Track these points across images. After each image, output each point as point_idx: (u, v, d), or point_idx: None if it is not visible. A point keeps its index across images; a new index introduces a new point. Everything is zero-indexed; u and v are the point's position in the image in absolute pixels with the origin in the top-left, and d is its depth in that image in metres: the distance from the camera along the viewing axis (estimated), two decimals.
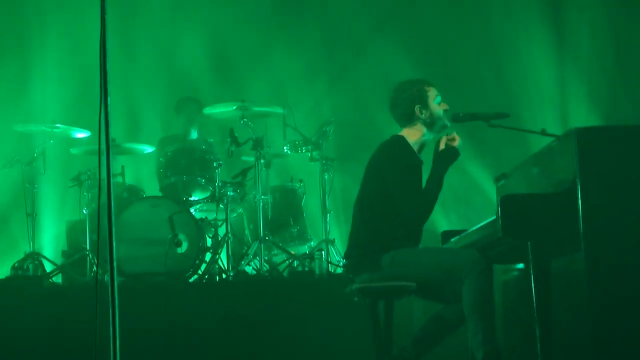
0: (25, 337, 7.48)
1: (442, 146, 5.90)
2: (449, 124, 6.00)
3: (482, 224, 5.60)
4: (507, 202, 5.04)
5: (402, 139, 5.93)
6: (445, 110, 6.01)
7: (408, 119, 5.98)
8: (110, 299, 4.00)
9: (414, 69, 9.37)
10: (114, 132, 4.12)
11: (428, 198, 5.76)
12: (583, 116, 9.71)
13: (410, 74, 6.35)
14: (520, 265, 6.32)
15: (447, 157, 5.87)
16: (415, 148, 5.95)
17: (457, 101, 6.43)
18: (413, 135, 5.96)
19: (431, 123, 5.97)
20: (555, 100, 10.15)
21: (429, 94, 5.99)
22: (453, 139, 5.91)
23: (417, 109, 5.94)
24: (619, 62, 10.11)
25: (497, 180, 6.51)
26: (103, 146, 4.11)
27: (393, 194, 5.75)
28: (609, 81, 10.06)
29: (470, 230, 5.89)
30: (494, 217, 5.19)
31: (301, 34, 10.99)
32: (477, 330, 5.45)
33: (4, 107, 10.22)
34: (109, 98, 4.09)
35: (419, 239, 5.90)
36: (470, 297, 5.49)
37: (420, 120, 5.95)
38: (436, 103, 5.99)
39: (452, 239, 6.26)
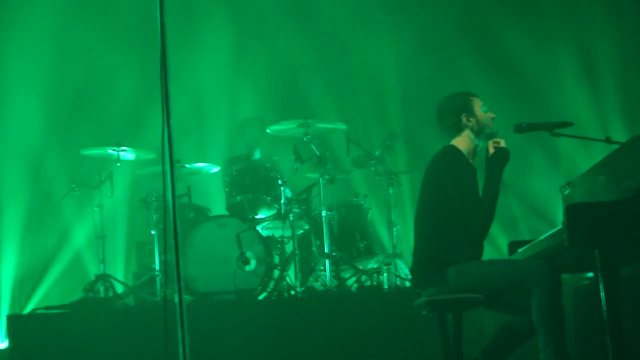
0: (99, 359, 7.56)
1: (491, 150, 5.88)
2: (496, 131, 5.97)
3: (548, 233, 5.56)
4: (573, 211, 4.99)
5: (455, 148, 5.91)
6: (492, 119, 5.99)
7: (456, 129, 5.97)
8: (179, 318, 4.03)
9: (474, 80, 9.34)
10: (179, 153, 4.15)
11: (488, 204, 5.72)
12: None
13: (473, 87, 6.31)
14: (590, 274, 6.26)
15: (499, 159, 5.84)
16: (467, 157, 5.92)
17: (519, 111, 6.40)
18: (463, 143, 5.94)
19: (479, 130, 5.94)
20: (619, 107, 10.05)
21: (474, 102, 5.99)
22: (498, 142, 5.89)
23: (463, 117, 5.94)
24: None
25: (562, 189, 6.47)
26: (167, 167, 4.16)
27: (453, 204, 5.73)
28: None
29: (536, 240, 5.84)
30: (560, 226, 5.15)
31: (365, 50, 11.01)
32: (547, 342, 5.41)
33: (71, 132, 10.35)
34: (171, 119, 4.13)
35: (481, 249, 5.87)
36: (539, 309, 5.45)
37: (468, 127, 5.94)
38: (482, 111, 5.98)
39: (519, 250, 6.22)
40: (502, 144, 5.91)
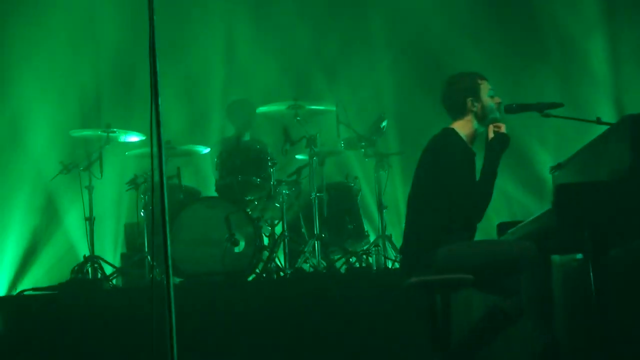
0: (87, 341, 7.52)
1: (491, 134, 5.83)
2: (499, 117, 5.92)
3: (538, 214, 5.55)
4: (562, 191, 4.99)
5: (454, 132, 5.86)
6: (497, 104, 5.94)
7: (459, 112, 5.91)
8: (166, 300, 4.01)
9: (467, 61, 9.29)
10: (169, 134, 4.13)
11: (485, 188, 5.69)
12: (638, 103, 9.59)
13: (461, 67, 6.27)
14: (579, 255, 6.26)
15: (498, 145, 5.78)
16: (467, 140, 5.88)
17: (509, 92, 6.38)
18: (464, 127, 5.89)
19: (482, 116, 5.88)
20: (610, 88, 10.03)
21: (482, 86, 5.92)
22: (499, 127, 5.84)
23: (469, 101, 5.88)
24: None
25: (552, 170, 6.46)
26: (155, 149, 4.13)
27: (448, 188, 5.70)
28: None
29: (526, 221, 5.84)
30: (550, 207, 5.14)
31: (354, 31, 10.97)
32: (536, 322, 5.41)
33: (60, 113, 10.29)
34: (160, 100, 4.10)
35: (473, 232, 5.85)
36: (528, 289, 5.45)
37: (472, 113, 5.88)
38: (488, 96, 5.92)
39: (509, 231, 6.21)
40: (503, 129, 5.84)
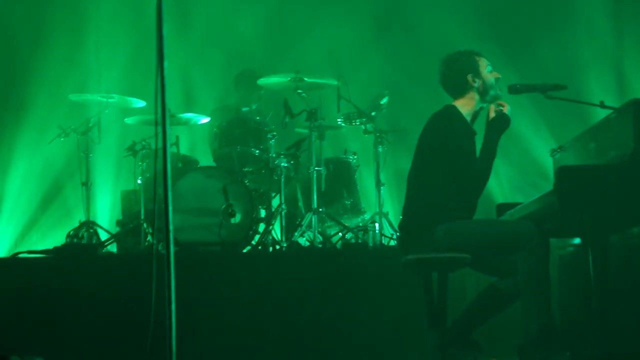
0: (80, 305, 7.52)
1: (492, 114, 5.83)
2: (501, 93, 5.92)
3: (538, 196, 5.55)
4: (564, 174, 4.99)
5: (455, 109, 5.86)
6: (497, 79, 5.94)
7: (461, 89, 5.91)
8: (166, 268, 4.00)
9: (468, 39, 9.25)
10: (169, 102, 4.09)
11: (483, 167, 5.70)
12: None
13: (464, 45, 6.25)
14: (577, 240, 6.26)
15: (498, 125, 5.79)
16: (468, 118, 5.88)
17: (513, 73, 6.35)
18: (466, 105, 5.89)
19: (484, 92, 5.89)
20: (615, 72, 10.01)
21: (480, 63, 5.94)
22: (502, 106, 5.84)
23: (469, 77, 5.88)
24: None
25: (553, 152, 6.46)
26: (159, 116, 4.11)
27: (448, 165, 5.70)
28: None
29: (526, 203, 5.83)
30: (551, 189, 5.14)
31: (357, 4, 10.92)
32: (532, 303, 5.41)
33: (59, 76, 10.25)
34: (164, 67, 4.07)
35: (473, 211, 5.84)
36: (526, 271, 5.45)
37: (474, 89, 5.88)
38: (488, 72, 5.92)
39: (508, 212, 6.21)
40: (506, 109, 5.85)
